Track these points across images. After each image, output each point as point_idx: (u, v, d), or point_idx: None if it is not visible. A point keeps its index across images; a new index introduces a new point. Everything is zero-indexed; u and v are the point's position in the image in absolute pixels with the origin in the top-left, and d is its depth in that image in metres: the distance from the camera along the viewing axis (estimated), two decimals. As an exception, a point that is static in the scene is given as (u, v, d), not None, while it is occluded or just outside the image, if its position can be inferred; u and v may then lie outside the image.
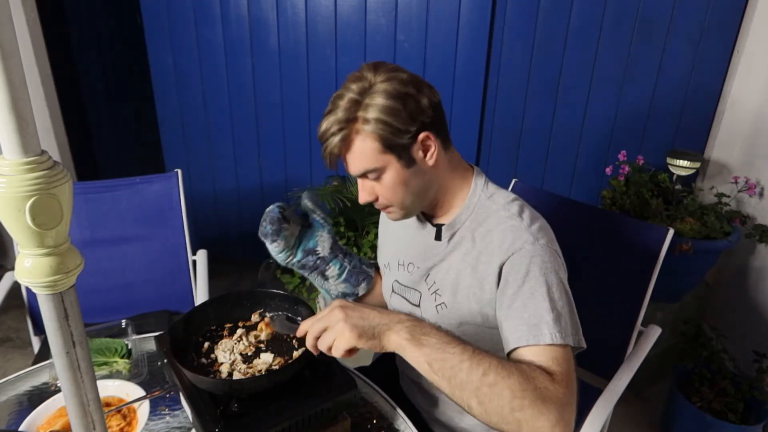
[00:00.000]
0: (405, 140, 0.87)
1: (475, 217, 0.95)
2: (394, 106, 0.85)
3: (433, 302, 1.00)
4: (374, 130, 0.85)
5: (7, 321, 2.45)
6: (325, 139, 0.88)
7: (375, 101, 0.85)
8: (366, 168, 0.89)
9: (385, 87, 0.85)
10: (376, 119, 0.84)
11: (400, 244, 1.09)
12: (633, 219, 1.47)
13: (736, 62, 2.15)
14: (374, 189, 0.93)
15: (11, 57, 0.41)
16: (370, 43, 2.34)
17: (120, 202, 1.68)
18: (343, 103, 0.86)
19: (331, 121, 0.86)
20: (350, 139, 0.87)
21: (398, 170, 0.89)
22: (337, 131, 0.86)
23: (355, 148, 0.87)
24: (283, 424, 0.79)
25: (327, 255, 1.08)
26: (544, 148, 2.46)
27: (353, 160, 0.89)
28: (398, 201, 0.93)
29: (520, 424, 0.71)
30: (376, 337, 0.76)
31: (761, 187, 1.98)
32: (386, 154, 0.87)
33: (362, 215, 2.24)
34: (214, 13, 2.40)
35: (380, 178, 0.90)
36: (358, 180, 0.94)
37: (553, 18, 2.20)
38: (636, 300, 1.33)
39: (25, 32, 2.38)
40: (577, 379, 0.78)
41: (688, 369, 1.91)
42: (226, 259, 2.72)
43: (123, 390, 1.00)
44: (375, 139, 0.86)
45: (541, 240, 0.88)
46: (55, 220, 0.46)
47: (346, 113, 0.86)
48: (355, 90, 0.86)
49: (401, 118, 0.85)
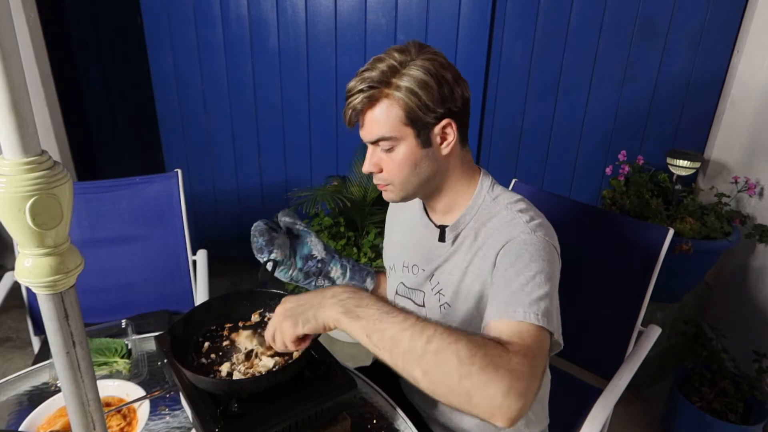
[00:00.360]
0: (429, 119, 0.88)
1: (479, 218, 0.95)
2: (429, 82, 0.85)
3: (437, 302, 1.00)
4: (403, 98, 0.85)
5: (7, 321, 2.45)
6: (352, 93, 0.88)
7: (412, 72, 0.85)
8: (382, 134, 0.88)
9: (425, 63, 0.86)
10: (407, 88, 0.85)
11: (404, 245, 1.09)
12: (633, 219, 1.46)
13: (736, 62, 2.15)
14: (381, 161, 0.92)
15: (11, 57, 0.41)
16: (370, 43, 2.34)
17: (120, 202, 1.68)
18: (381, 65, 0.86)
19: (365, 78, 0.87)
20: (377, 100, 0.87)
21: (412, 147, 0.89)
22: (367, 88, 0.86)
23: (378, 110, 0.87)
24: (283, 424, 0.79)
25: (325, 256, 1.09)
26: (544, 148, 2.46)
27: (372, 122, 0.88)
28: (401, 180, 0.92)
29: (469, 394, 0.66)
30: (311, 320, 0.76)
31: (761, 187, 1.98)
32: (406, 127, 0.88)
33: (362, 215, 2.23)
34: (214, 13, 2.40)
35: (392, 149, 0.90)
36: (369, 147, 0.93)
37: (553, 18, 2.20)
38: (636, 300, 1.33)
39: (25, 32, 2.38)
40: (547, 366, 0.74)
41: (688, 369, 1.91)
42: (226, 259, 2.72)
43: (123, 390, 1.00)
44: (401, 107, 0.86)
45: (539, 232, 0.88)
46: (55, 220, 0.46)
47: (382, 75, 0.86)
48: (397, 58, 0.86)
49: (432, 95, 0.86)
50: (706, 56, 2.18)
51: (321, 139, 2.58)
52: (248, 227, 1.06)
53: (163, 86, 2.60)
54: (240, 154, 2.69)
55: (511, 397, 0.64)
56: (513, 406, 0.65)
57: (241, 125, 2.62)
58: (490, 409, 0.65)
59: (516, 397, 0.65)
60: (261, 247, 1.02)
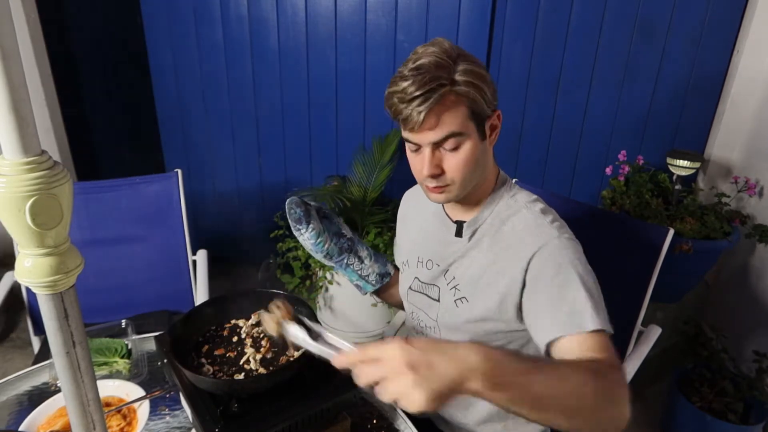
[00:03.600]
0: (488, 111, 0.88)
1: (498, 214, 0.95)
2: (484, 74, 0.86)
3: (452, 297, 1.00)
4: (469, 94, 0.84)
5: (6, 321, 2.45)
6: (413, 96, 0.81)
7: (466, 66, 0.83)
8: (452, 131, 0.85)
9: (470, 58, 0.86)
10: (470, 83, 0.83)
11: (418, 241, 1.09)
12: (633, 219, 1.47)
13: (736, 62, 2.15)
14: (443, 161, 0.88)
15: (11, 57, 0.41)
16: (370, 43, 2.34)
17: (120, 202, 1.68)
18: (433, 60, 0.82)
19: (424, 79, 0.81)
20: (445, 99, 0.83)
21: (476, 142, 0.88)
22: (432, 89, 0.81)
23: (447, 108, 0.84)
24: (283, 424, 0.79)
25: (353, 236, 1.12)
26: (544, 148, 2.46)
27: (442, 122, 0.84)
28: (463, 178, 0.89)
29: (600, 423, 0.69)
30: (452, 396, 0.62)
31: (761, 187, 1.98)
32: (470, 122, 0.86)
33: (362, 215, 2.24)
34: (214, 13, 2.40)
35: (459, 147, 0.87)
36: (425, 149, 0.87)
37: (553, 18, 2.20)
38: (636, 300, 1.33)
39: (25, 32, 2.38)
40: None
41: (688, 369, 1.91)
42: (226, 259, 2.72)
43: (123, 390, 1.00)
44: (465, 102, 0.84)
45: (565, 234, 0.89)
46: (55, 220, 0.46)
47: (441, 70, 0.82)
48: (441, 55, 0.83)
49: (490, 87, 0.87)
50: (706, 56, 2.18)
51: (321, 139, 2.58)
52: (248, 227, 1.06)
53: (163, 86, 2.60)
54: (240, 154, 2.69)
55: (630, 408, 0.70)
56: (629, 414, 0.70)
57: (241, 125, 2.62)
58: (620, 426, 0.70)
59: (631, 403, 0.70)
60: (300, 218, 1.03)
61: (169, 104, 2.63)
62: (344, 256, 1.10)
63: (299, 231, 1.05)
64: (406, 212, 1.18)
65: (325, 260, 1.10)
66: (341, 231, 1.11)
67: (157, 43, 2.51)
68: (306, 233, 1.05)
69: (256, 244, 2.69)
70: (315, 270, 2.27)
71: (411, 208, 1.16)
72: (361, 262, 1.13)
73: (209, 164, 2.74)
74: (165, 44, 2.50)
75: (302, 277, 2.25)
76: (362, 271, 1.13)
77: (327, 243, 1.07)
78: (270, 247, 2.31)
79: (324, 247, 1.07)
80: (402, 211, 1.19)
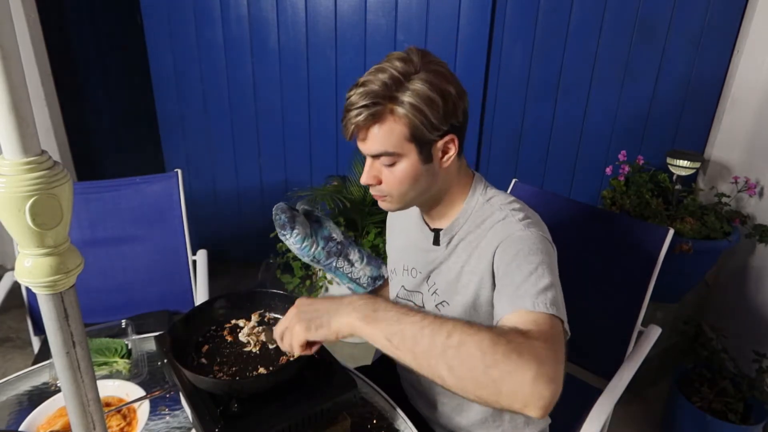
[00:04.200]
0: (433, 136, 0.86)
1: (473, 220, 0.95)
2: (434, 99, 0.83)
3: (434, 302, 1.01)
4: (408, 116, 0.83)
5: (7, 321, 2.45)
6: (354, 107, 0.84)
7: (417, 87, 0.82)
8: (385, 150, 0.86)
9: (430, 77, 0.83)
10: (413, 105, 0.82)
11: (403, 249, 1.10)
12: (633, 219, 1.47)
13: (736, 62, 2.15)
14: (381, 174, 0.90)
15: (11, 57, 0.41)
16: (370, 43, 2.34)
17: (120, 202, 1.68)
18: (384, 77, 0.82)
19: (367, 92, 0.82)
20: (381, 117, 0.84)
21: (414, 163, 0.88)
22: (371, 104, 0.82)
23: (382, 126, 0.84)
24: (283, 424, 0.79)
25: (344, 240, 1.12)
26: (544, 148, 2.46)
27: (375, 138, 0.86)
28: (400, 193, 0.91)
29: (497, 384, 0.63)
30: (324, 325, 0.74)
31: (761, 187, 1.98)
32: (410, 143, 0.86)
33: (362, 215, 2.24)
34: (214, 13, 2.40)
35: (394, 165, 0.88)
36: (367, 159, 0.91)
37: (553, 18, 2.20)
38: (636, 300, 1.33)
39: (25, 32, 2.38)
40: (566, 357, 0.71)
41: (688, 369, 1.91)
42: (226, 259, 2.72)
43: (123, 390, 1.00)
44: (405, 124, 0.84)
45: (532, 228, 0.88)
46: (55, 220, 0.46)
47: (385, 89, 0.82)
48: (400, 69, 0.83)
49: (437, 113, 0.84)
50: (706, 56, 2.18)
51: (321, 139, 2.58)
52: (248, 227, 1.08)
53: (163, 86, 2.60)
54: (240, 154, 2.69)
55: (541, 382, 0.62)
56: (544, 391, 0.63)
57: (241, 125, 2.62)
58: (522, 398, 0.63)
59: (546, 382, 0.63)
60: (284, 224, 1.03)
61: (169, 104, 2.63)
62: (332, 259, 1.11)
63: (284, 236, 1.06)
64: (393, 221, 1.19)
65: (313, 264, 1.11)
66: (331, 235, 1.11)
67: (157, 43, 2.51)
68: (291, 238, 1.05)
69: (256, 244, 2.69)
70: (315, 270, 2.27)
71: (397, 218, 1.16)
72: (351, 265, 1.13)
73: (209, 164, 2.74)
74: (165, 44, 2.50)
75: (302, 277, 2.25)
76: (352, 274, 1.14)
77: (313, 247, 1.08)
78: (270, 247, 2.31)
79: (310, 251, 1.08)
80: (390, 221, 1.20)
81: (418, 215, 1.05)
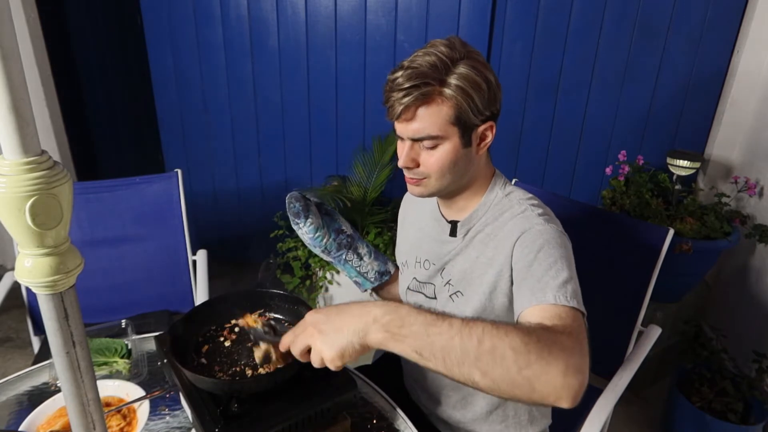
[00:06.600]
0: (476, 120, 0.88)
1: (492, 213, 0.96)
2: (480, 83, 0.85)
3: (447, 292, 1.01)
4: (457, 97, 0.84)
5: (7, 321, 2.45)
6: (401, 87, 0.84)
7: (463, 71, 0.84)
8: (430, 133, 0.87)
9: (474, 64, 0.85)
10: (461, 88, 0.84)
11: (416, 242, 1.10)
12: (633, 219, 1.47)
13: (736, 62, 2.15)
14: (419, 156, 0.91)
15: (11, 57, 0.41)
16: (370, 43, 2.34)
17: (120, 202, 1.68)
18: (432, 59, 0.84)
19: (417, 73, 0.83)
20: (429, 98, 0.85)
21: (456, 146, 0.89)
22: (422, 84, 0.83)
23: (429, 107, 0.85)
24: (283, 424, 0.79)
25: (353, 233, 1.13)
26: (544, 148, 2.46)
27: (421, 119, 0.86)
28: (438, 176, 0.92)
29: (531, 383, 0.65)
30: (358, 349, 0.70)
31: (761, 187, 1.98)
32: (454, 126, 0.87)
33: (362, 215, 2.24)
34: (214, 13, 2.40)
35: (435, 147, 0.89)
36: (406, 141, 0.90)
37: (553, 18, 2.20)
38: (636, 300, 1.33)
39: (25, 32, 2.38)
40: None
41: (688, 369, 1.91)
42: (226, 259, 2.72)
43: (123, 390, 1.00)
44: (452, 107, 0.85)
45: (551, 223, 0.89)
46: (55, 220, 0.46)
47: (435, 71, 0.84)
48: (447, 54, 0.84)
49: (483, 98, 0.86)
50: (706, 56, 2.18)
51: (321, 139, 2.58)
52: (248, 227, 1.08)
53: (163, 86, 2.60)
54: (240, 154, 2.69)
55: (570, 374, 0.65)
56: (573, 383, 0.65)
57: (241, 125, 2.62)
58: (555, 392, 0.65)
59: (574, 373, 0.65)
60: (298, 212, 1.04)
61: (169, 104, 2.63)
62: (343, 252, 1.12)
63: (297, 225, 1.07)
64: (405, 215, 1.19)
65: (324, 255, 1.12)
66: (341, 227, 1.13)
67: (157, 43, 2.50)
68: (304, 227, 1.07)
69: (256, 244, 2.70)
70: (315, 270, 2.27)
71: (410, 211, 1.17)
72: (360, 259, 1.14)
73: (209, 164, 2.74)
74: (165, 44, 2.50)
75: (302, 277, 2.25)
76: (361, 267, 1.15)
77: (325, 238, 1.09)
78: (270, 247, 2.31)
79: (322, 242, 1.09)
80: (402, 214, 1.21)
81: (434, 207, 1.06)
